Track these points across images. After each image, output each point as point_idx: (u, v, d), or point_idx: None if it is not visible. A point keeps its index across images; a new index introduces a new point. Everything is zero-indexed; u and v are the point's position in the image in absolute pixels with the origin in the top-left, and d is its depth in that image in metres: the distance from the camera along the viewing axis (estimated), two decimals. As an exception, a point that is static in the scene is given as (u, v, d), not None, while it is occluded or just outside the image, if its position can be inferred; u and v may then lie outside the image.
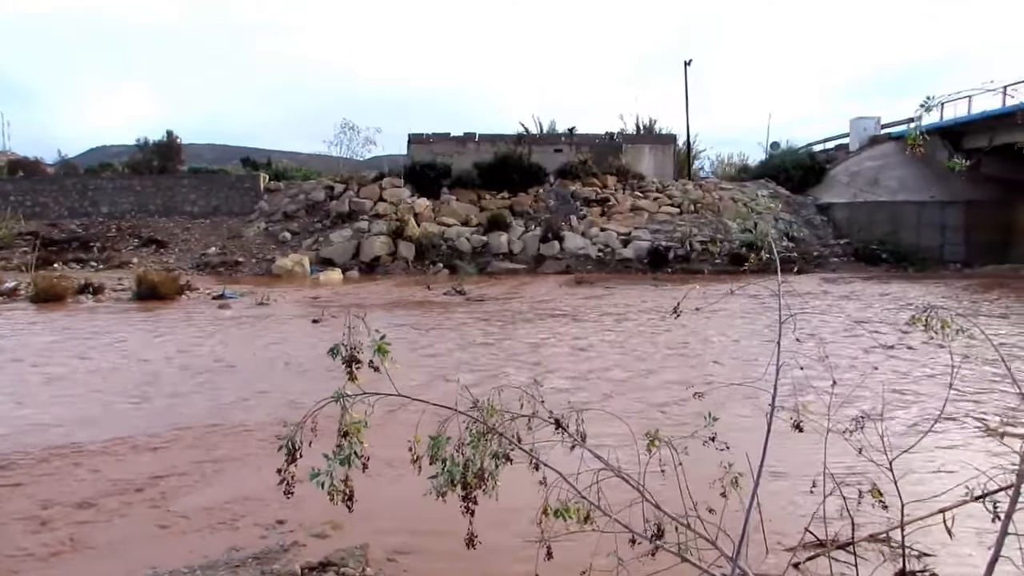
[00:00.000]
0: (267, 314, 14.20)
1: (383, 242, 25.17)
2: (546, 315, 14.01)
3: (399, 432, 3.38)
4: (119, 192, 29.31)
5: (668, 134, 36.10)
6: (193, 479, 5.19)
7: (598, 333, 11.72)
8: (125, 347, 10.54)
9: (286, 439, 2.25)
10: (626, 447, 3.22)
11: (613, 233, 26.40)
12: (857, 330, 10.64)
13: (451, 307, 15.33)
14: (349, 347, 2.45)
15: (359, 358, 2.47)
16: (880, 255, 26.29)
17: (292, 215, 27.86)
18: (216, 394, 7.77)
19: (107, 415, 6.95)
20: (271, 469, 5.01)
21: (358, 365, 2.47)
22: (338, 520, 4.16)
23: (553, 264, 25.11)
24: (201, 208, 29.00)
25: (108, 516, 4.54)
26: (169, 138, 34.20)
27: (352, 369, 2.45)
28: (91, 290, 16.77)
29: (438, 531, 3.89)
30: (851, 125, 34.02)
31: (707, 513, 2.97)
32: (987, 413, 6.67)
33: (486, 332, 11.91)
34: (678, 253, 25.48)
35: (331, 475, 2.30)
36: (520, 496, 3.56)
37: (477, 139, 32.77)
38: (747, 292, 14.41)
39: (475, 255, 25.30)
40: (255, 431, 6.34)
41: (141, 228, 27.25)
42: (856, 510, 3.10)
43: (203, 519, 4.47)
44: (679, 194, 29.18)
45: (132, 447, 5.91)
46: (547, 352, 10.08)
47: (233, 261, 24.48)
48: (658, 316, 13.55)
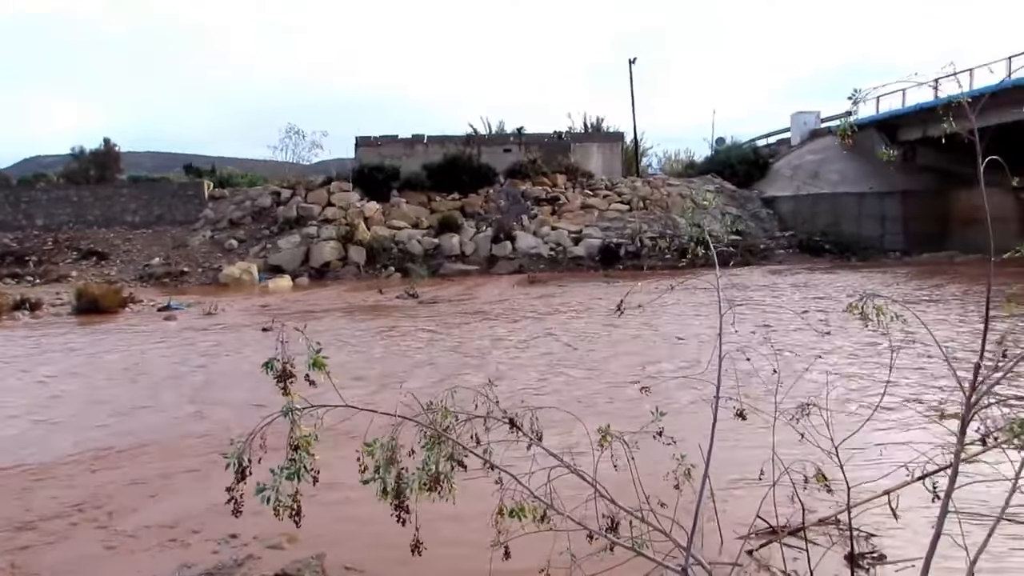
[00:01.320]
0: (215, 324, 13.87)
1: (333, 247, 24.84)
2: (500, 315, 14.02)
3: (352, 441, 3.34)
4: (55, 203, 28.30)
5: (615, 132, 36.49)
6: (140, 496, 5.03)
7: (551, 331, 11.78)
8: (65, 363, 10.17)
9: (233, 456, 2.19)
10: (581, 443, 3.25)
11: (564, 231, 26.57)
12: (801, 319, 10.92)
13: (404, 310, 15.22)
14: (283, 361, 2.37)
15: (293, 372, 2.39)
16: (824, 246, 27.05)
17: (238, 222, 27.29)
18: (162, 408, 7.56)
19: (47, 434, 6.69)
20: (222, 482, 4.91)
21: (292, 380, 2.40)
22: (293, 532, 4.08)
23: (506, 264, 25.14)
24: (143, 218, 28.20)
25: (51, 539, 4.37)
26: (107, 146, 33.14)
27: (286, 384, 2.37)
28: (28, 306, 16.13)
29: (394, 538, 3.84)
30: (792, 120, 34.89)
31: (661, 506, 3.00)
32: (926, 396, 6.91)
33: (440, 334, 11.85)
34: (629, 250, 25.77)
35: (277, 490, 2.25)
36: (479, 497, 3.55)
37: (426, 141, 32.59)
38: (696, 286, 14.66)
39: (427, 257, 25.17)
40: (204, 444, 6.18)
41: (80, 240, 26.36)
42: (805, 495, 3.17)
43: (152, 537, 4.34)
44: (628, 191, 29.51)
45: (75, 466, 5.70)
46: (501, 352, 10.09)
47: (178, 271, 23.86)
48: (609, 312, 13.68)
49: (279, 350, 2.30)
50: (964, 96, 2.27)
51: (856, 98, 2.51)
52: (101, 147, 33.04)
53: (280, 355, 2.29)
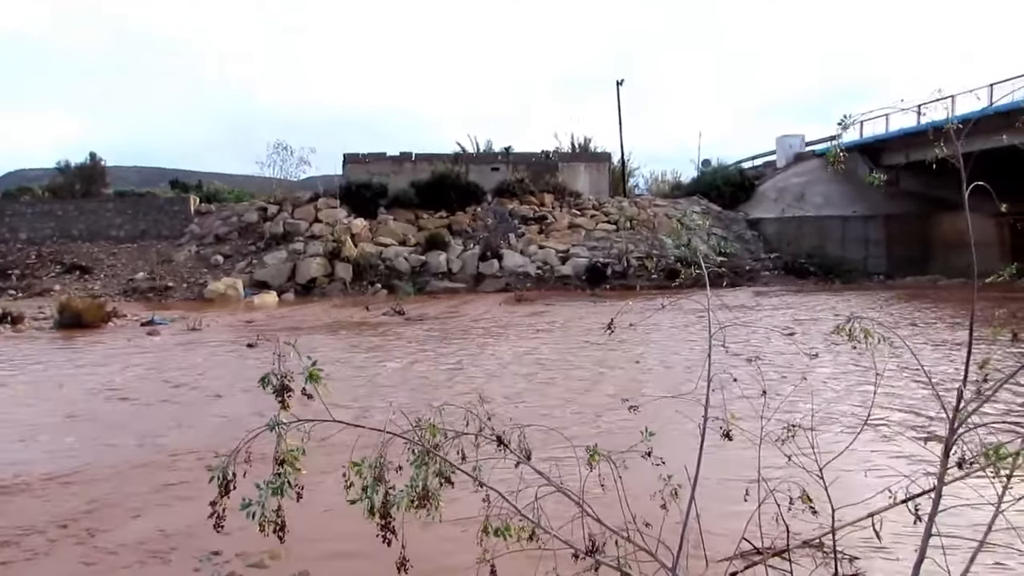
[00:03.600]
0: (199, 339, 13.75)
1: (319, 263, 24.77)
2: (487, 333, 14.00)
3: (337, 458, 3.32)
4: (39, 217, 28.06)
5: (603, 152, 36.77)
6: (120, 513, 4.96)
7: (538, 349, 11.78)
8: (45, 377, 10.04)
9: (218, 470, 2.18)
10: (568, 462, 3.24)
11: (551, 250, 26.65)
12: (787, 341, 10.98)
13: (390, 327, 15.17)
14: (280, 376, 2.37)
15: (290, 387, 2.39)
16: (808, 268, 27.30)
17: (224, 238, 27.16)
18: (144, 423, 7.46)
19: (27, 449, 6.58)
20: (204, 498, 4.85)
21: (289, 394, 2.40)
22: (276, 549, 4.04)
23: (493, 282, 25.16)
24: (128, 232, 28.01)
25: (31, 555, 4.29)
26: (92, 161, 32.99)
27: (284, 398, 2.38)
28: (9, 319, 15.92)
29: (379, 556, 3.81)
30: (777, 143, 35.34)
31: (647, 526, 3.00)
32: (911, 419, 6.96)
33: (426, 351, 11.82)
34: (615, 269, 25.87)
35: (262, 505, 2.23)
36: (465, 515, 3.53)
37: (414, 158, 32.68)
38: (682, 307, 14.72)
39: (414, 275, 25.15)
40: (186, 460, 6.10)
41: (64, 254, 26.12)
42: (790, 517, 3.18)
43: (132, 554, 4.27)
44: (615, 211, 29.69)
45: (55, 481, 5.61)
46: (489, 369, 10.06)
47: (163, 286, 23.68)
48: (596, 332, 13.70)
49: (275, 365, 2.30)
50: (951, 121, 2.32)
51: (845, 124, 2.56)
52: (87, 161, 32.89)
53: (276, 369, 2.28)
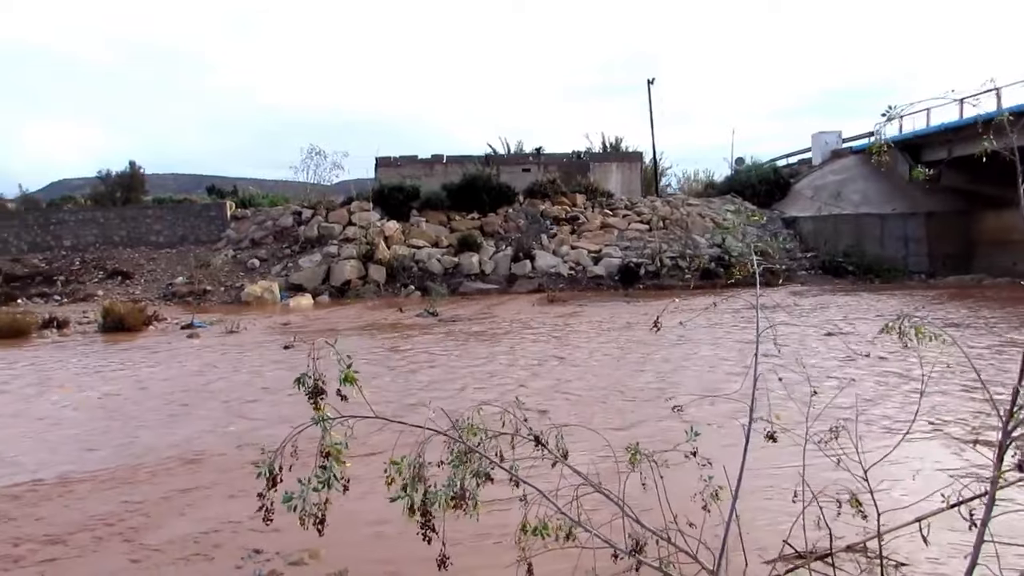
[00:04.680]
0: (237, 342, 13.98)
1: (353, 266, 25.01)
2: (521, 334, 14.00)
3: (378, 455, 3.34)
4: (82, 225, 28.80)
5: (634, 152, 36.56)
6: (165, 510, 5.06)
7: (574, 350, 11.73)
8: (91, 379, 10.29)
9: (264, 465, 2.21)
10: (607, 462, 3.22)
11: (584, 251, 26.57)
12: (830, 341, 10.79)
13: (424, 329, 15.25)
14: (314, 377, 2.38)
15: (324, 388, 2.40)
16: (846, 267, 26.78)
17: (260, 242, 27.58)
18: (187, 423, 7.61)
19: (74, 449, 6.75)
20: (246, 497, 4.95)
21: (323, 396, 2.40)
22: (316, 548, 4.08)
23: (525, 283, 25.16)
24: (167, 238, 28.60)
25: (79, 551, 4.40)
26: (132, 169, 33.76)
27: (317, 401, 2.38)
28: (55, 324, 16.35)
29: (418, 554, 3.83)
30: (813, 140, 34.76)
31: (688, 527, 2.96)
32: (960, 420, 6.78)
33: (461, 352, 11.85)
34: (649, 269, 25.69)
35: (304, 499, 2.25)
36: (502, 513, 3.53)
37: (445, 161, 32.85)
38: (721, 307, 14.56)
39: (447, 276, 25.25)
40: (229, 459, 6.21)
41: (106, 260, 26.76)
42: (833, 521, 3.11)
43: (176, 551, 4.35)
44: (648, 211, 29.49)
45: (102, 480, 5.75)
46: (524, 370, 10.06)
47: (201, 290, 24.12)
48: (632, 332, 13.62)
49: (310, 366, 2.32)
50: (1003, 113, 2.25)
51: (891, 116, 2.50)
52: (127, 170, 33.68)
53: (311, 371, 2.30)
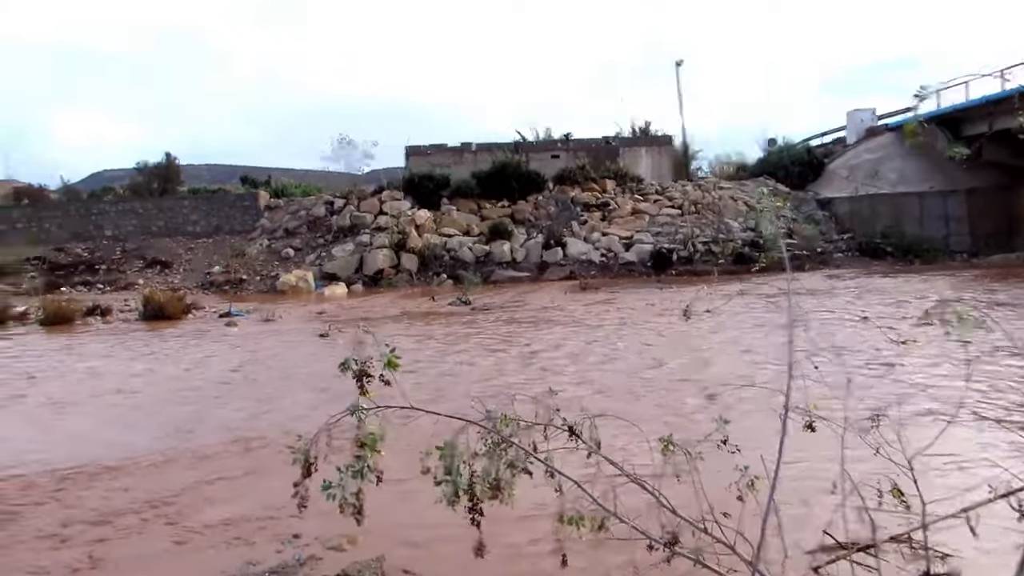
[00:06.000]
0: (274, 330, 14.21)
1: (386, 255, 25.20)
2: (553, 322, 13.99)
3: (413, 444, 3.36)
4: (122, 215, 29.46)
5: (664, 135, 36.10)
6: (207, 494, 5.19)
7: (607, 338, 11.69)
8: (135, 366, 10.55)
9: (301, 452, 2.24)
10: (641, 452, 3.21)
11: (615, 237, 26.40)
12: (868, 326, 10.58)
13: (457, 317, 15.33)
14: (359, 361, 2.45)
15: (370, 372, 2.46)
16: (884, 248, 26.20)
17: (294, 231, 27.91)
18: (228, 409, 7.77)
19: (121, 433, 6.95)
20: (285, 483, 5.00)
21: (369, 379, 2.47)
22: (354, 533, 4.14)
23: (557, 270, 25.10)
24: (203, 227, 29.10)
25: (125, 533, 4.54)
26: (168, 160, 34.40)
27: (363, 383, 2.45)
28: (99, 312, 16.85)
29: (452, 541, 3.86)
30: (847, 118, 33.95)
31: (723, 517, 2.94)
32: (1009, 407, 6.61)
33: (494, 341, 11.89)
34: (681, 255, 25.44)
35: (343, 488, 2.29)
36: (537, 504, 3.54)
37: (474, 148, 32.82)
38: (754, 292, 14.40)
39: (478, 264, 25.31)
40: (268, 445, 6.33)
41: (145, 249, 27.34)
42: (876, 510, 3.06)
43: (219, 534, 4.47)
44: (679, 195, 29.17)
45: (147, 464, 5.91)
46: (557, 358, 10.06)
47: (237, 279, 24.53)
48: (665, 318, 13.53)
49: (354, 352, 2.35)
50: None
51: (922, 95, 2.42)
52: (163, 161, 34.32)
53: (355, 355, 2.34)
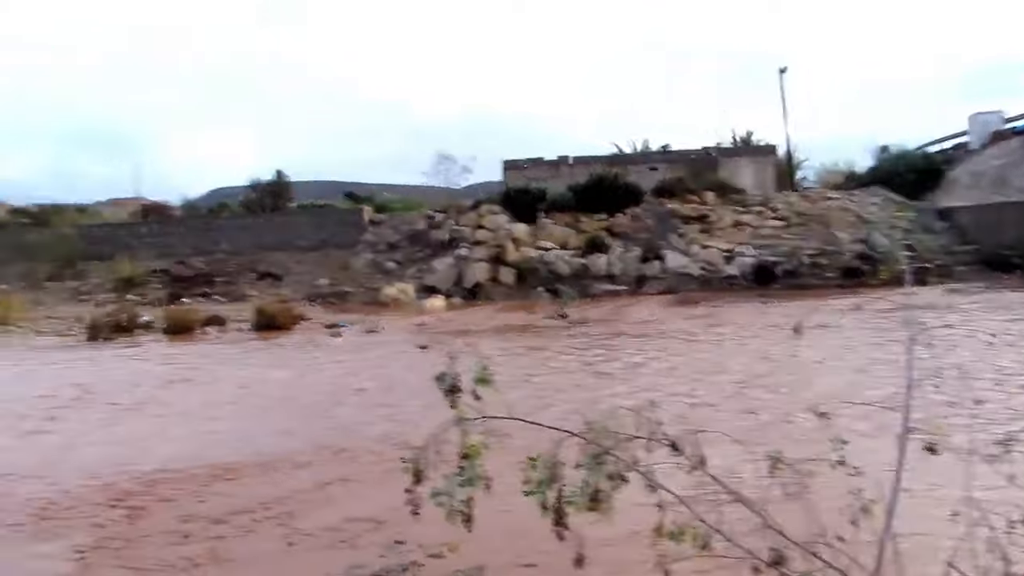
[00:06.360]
0: (377, 341, 14.69)
1: (483, 268, 25.57)
2: (653, 335, 13.80)
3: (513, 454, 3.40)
4: (237, 230, 31.24)
5: (767, 145, 35.08)
6: (315, 498, 5.43)
7: (710, 351, 11.42)
8: (250, 373, 11.17)
9: (411, 462, 2.33)
10: (746, 470, 3.12)
11: (715, 250, 25.77)
12: (995, 344, 9.85)
13: (554, 330, 15.36)
14: (452, 376, 2.50)
15: (460, 387, 2.52)
16: (1013, 261, 24.32)
17: (395, 245, 28.79)
18: (334, 417, 8.10)
19: (235, 437, 7.37)
20: (388, 490, 5.18)
21: (459, 394, 2.52)
22: (454, 542, 4.21)
23: (655, 284, 24.74)
24: (311, 242, 30.43)
25: (241, 532, 4.81)
26: (279, 177, 36.26)
27: (454, 399, 2.50)
28: (216, 322, 17.93)
29: (553, 553, 3.87)
30: (970, 122, 31.76)
31: (836, 541, 2.82)
32: None
33: (593, 354, 11.85)
34: (786, 268, 24.53)
35: (452, 496, 2.35)
36: (634, 519, 3.50)
37: (571, 162, 32.90)
38: (867, 308, 13.69)
39: (575, 278, 25.26)
40: (375, 453, 6.56)
41: (257, 263, 28.86)
42: (1008, 543, 2.85)
43: (326, 537, 4.67)
44: (783, 207, 28.19)
45: (258, 467, 6.24)
46: (658, 372, 9.91)
47: (342, 291, 25.50)
48: (772, 333, 13.07)
49: (449, 366, 2.42)
50: None
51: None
52: (275, 178, 36.21)
53: (450, 370, 2.40)
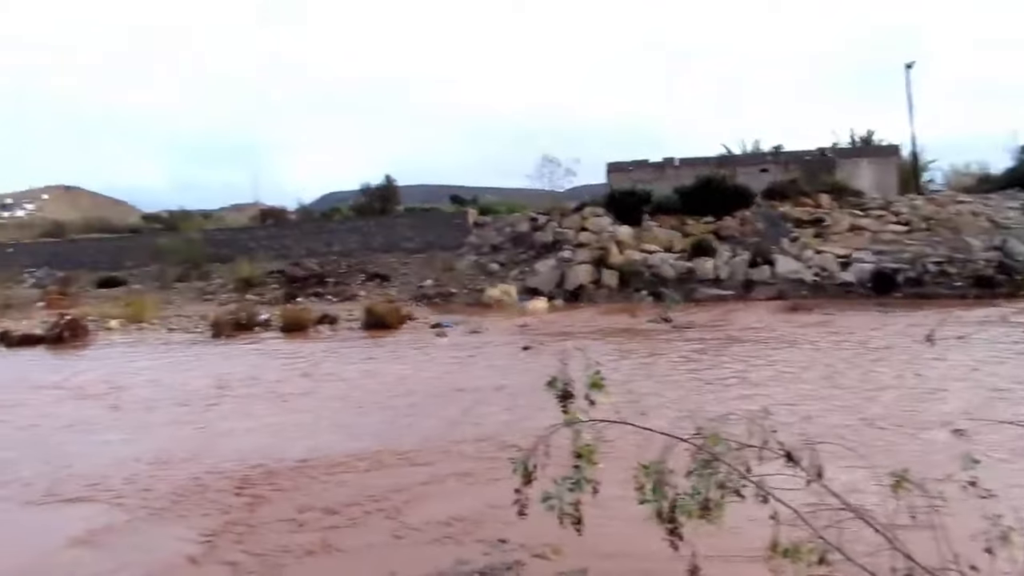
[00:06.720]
0: (481, 341, 14.93)
1: (586, 270, 25.46)
2: (763, 342, 13.32)
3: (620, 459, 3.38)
4: (347, 233, 32.52)
5: (889, 145, 33.17)
6: (421, 493, 5.57)
7: (826, 361, 10.89)
8: (363, 369, 11.64)
9: (520, 462, 2.35)
10: (868, 487, 2.97)
11: (830, 255, 24.55)
12: None
13: (658, 335, 15.11)
14: (564, 382, 2.50)
15: (572, 392, 2.51)
16: None
17: (499, 247, 29.15)
18: (440, 415, 8.29)
19: (347, 431, 7.67)
20: (493, 488, 5.28)
21: (571, 400, 2.51)
22: (558, 544, 4.22)
23: (764, 290, 23.86)
24: (417, 244, 31.27)
25: (352, 523, 5.00)
26: (387, 182, 37.49)
27: (566, 404, 2.50)
28: (328, 321, 18.74)
29: (659, 560, 3.81)
30: None
31: (969, 571, 2.63)
32: None
33: (698, 360, 11.58)
34: (908, 276, 23.04)
35: (561, 499, 2.35)
36: (743, 532, 3.39)
37: (677, 164, 32.27)
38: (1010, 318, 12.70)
39: (679, 282, 24.72)
40: (479, 451, 6.68)
41: (367, 264, 29.92)
42: None
43: (432, 532, 4.78)
44: (906, 210, 26.56)
45: (369, 461, 6.47)
46: (769, 379, 9.56)
47: (447, 292, 26.05)
48: (896, 343, 12.35)
49: (561, 370, 2.42)
50: None
51: None
52: (383, 183, 37.49)
53: (562, 374, 2.41)
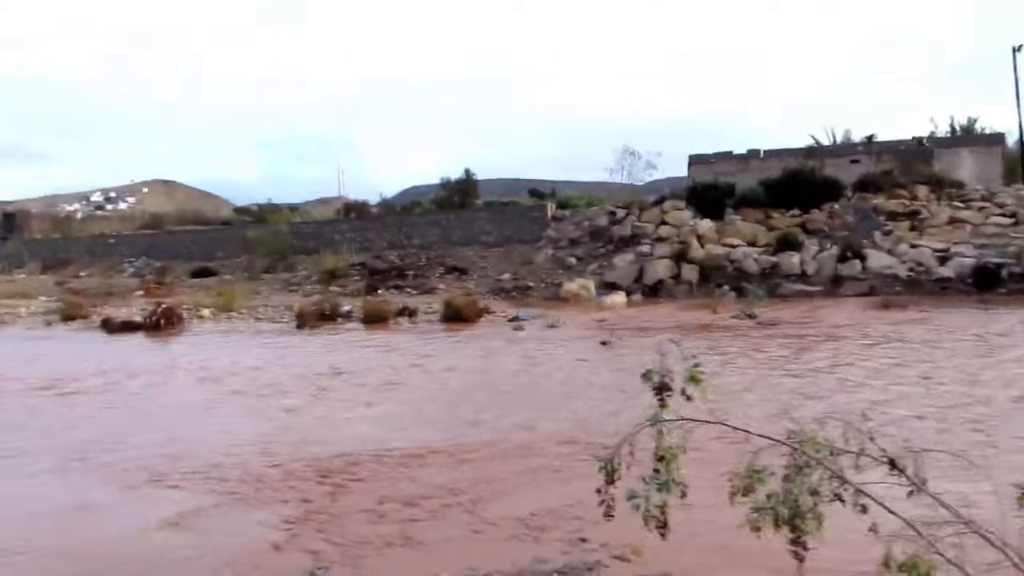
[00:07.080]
0: (559, 336, 14.86)
1: (666, 265, 24.97)
2: (854, 340, 12.72)
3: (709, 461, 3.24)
4: (427, 226, 32.97)
5: (993, 134, 31.20)
6: (499, 488, 5.54)
7: (926, 361, 10.30)
8: (443, 362, 11.79)
9: (605, 461, 2.26)
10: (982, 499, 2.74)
11: (926, 250, 23.27)
12: None
13: (741, 331, 14.65)
14: (661, 374, 2.40)
15: (670, 386, 2.41)
16: None
17: (577, 241, 28.95)
18: (521, 409, 8.27)
19: (428, 422, 7.76)
20: (574, 485, 5.19)
21: (669, 393, 2.41)
22: (638, 545, 4.11)
23: (853, 285, 22.82)
24: (495, 238, 31.40)
25: (430, 516, 5.01)
26: (467, 176, 37.83)
27: (663, 397, 2.40)
28: (407, 313, 19.07)
29: (747, 567, 3.66)
30: None
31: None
32: None
33: (785, 358, 11.15)
34: (1014, 271, 21.62)
35: (648, 500, 2.25)
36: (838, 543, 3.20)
37: (762, 155, 31.29)
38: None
39: (763, 277, 23.93)
40: (560, 446, 6.61)
41: (446, 257, 30.27)
42: None
43: (510, 528, 4.73)
44: (1012, 202, 24.88)
45: (448, 454, 6.51)
46: (865, 380, 9.11)
47: (524, 286, 26.06)
48: (1003, 343, 11.57)
49: (658, 362, 2.33)
50: None
51: None
52: (463, 177, 37.85)
53: (659, 367, 2.31)
